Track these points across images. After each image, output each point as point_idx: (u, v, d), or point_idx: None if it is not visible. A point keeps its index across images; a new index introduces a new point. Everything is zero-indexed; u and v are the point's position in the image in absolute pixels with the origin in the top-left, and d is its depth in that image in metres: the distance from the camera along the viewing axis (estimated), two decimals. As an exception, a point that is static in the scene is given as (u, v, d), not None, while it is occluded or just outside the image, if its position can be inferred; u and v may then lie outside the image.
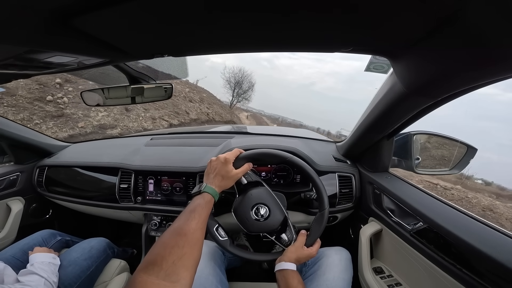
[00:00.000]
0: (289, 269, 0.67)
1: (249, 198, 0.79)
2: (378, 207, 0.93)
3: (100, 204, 1.14)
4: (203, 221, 0.55)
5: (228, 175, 0.70)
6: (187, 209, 0.57)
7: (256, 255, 0.78)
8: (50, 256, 0.84)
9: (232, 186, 0.75)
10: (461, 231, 0.61)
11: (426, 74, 0.48)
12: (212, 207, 0.63)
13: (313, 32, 0.39)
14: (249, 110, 55.97)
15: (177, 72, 1.01)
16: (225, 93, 25.41)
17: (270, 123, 50.27)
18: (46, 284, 0.72)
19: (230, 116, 17.37)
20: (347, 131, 1.39)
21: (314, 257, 0.75)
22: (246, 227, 0.77)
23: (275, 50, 0.50)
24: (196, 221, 0.53)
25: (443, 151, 1.01)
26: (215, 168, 0.71)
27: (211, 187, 0.65)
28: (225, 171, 0.70)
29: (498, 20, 0.29)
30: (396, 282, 0.83)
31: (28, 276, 0.72)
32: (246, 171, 0.76)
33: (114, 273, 0.97)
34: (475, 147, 0.90)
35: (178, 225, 0.52)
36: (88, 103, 0.88)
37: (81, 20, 0.30)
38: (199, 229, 0.53)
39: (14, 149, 1.21)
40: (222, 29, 0.37)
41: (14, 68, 0.49)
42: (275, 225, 0.77)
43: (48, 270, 0.77)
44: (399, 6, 0.30)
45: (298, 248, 0.73)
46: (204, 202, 0.60)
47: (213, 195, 0.63)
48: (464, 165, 0.91)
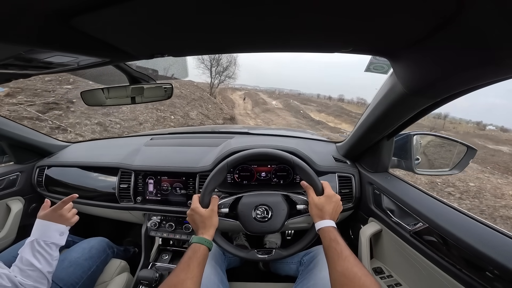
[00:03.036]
0: (321, 228, 0.67)
1: (244, 214, 0.80)
2: (378, 207, 0.93)
3: (100, 204, 1.14)
4: (192, 271, 0.58)
5: (205, 217, 0.71)
6: (180, 262, 0.61)
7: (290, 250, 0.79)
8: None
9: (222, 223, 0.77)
10: (461, 231, 0.61)
11: (426, 75, 0.48)
12: (207, 254, 0.65)
13: (313, 33, 0.39)
14: (243, 88, 54.60)
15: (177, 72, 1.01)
16: (200, 75, 20.99)
17: (268, 97, 48.34)
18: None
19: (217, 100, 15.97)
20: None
21: (335, 196, 0.74)
22: (270, 231, 0.80)
23: (275, 50, 0.50)
24: (185, 272, 0.57)
25: (443, 151, 1.02)
26: (193, 221, 0.73)
27: (198, 237, 0.67)
28: (199, 217, 0.71)
29: (498, 20, 0.29)
30: (396, 283, 0.83)
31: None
32: (216, 203, 0.77)
33: (114, 273, 0.97)
34: (474, 147, 0.90)
35: (170, 278, 0.57)
36: (88, 103, 0.88)
37: (81, 20, 0.30)
38: (189, 279, 0.56)
39: (14, 149, 1.21)
40: (221, 29, 0.37)
41: (14, 68, 0.49)
42: (284, 208, 0.80)
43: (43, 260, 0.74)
44: (399, 7, 0.30)
45: (314, 202, 0.72)
46: (193, 253, 0.62)
47: (202, 243, 0.65)
48: (464, 165, 0.91)
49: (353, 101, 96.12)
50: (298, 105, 37.90)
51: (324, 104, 53.57)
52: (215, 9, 0.30)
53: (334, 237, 0.63)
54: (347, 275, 0.53)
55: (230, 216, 0.82)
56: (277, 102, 41.45)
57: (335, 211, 0.72)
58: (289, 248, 0.79)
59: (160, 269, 1.03)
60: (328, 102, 64.38)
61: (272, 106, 31.70)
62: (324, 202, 0.71)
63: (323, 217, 0.69)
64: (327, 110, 38.43)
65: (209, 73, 20.18)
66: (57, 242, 0.77)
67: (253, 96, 44.80)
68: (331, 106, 45.33)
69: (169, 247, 1.19)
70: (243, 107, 29.55)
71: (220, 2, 0.28)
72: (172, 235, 1.10)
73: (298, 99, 56.99)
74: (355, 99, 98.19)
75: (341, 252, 0.59)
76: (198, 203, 0.74)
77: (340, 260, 0.57)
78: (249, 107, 30.49)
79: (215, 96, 17.22)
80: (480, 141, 23.88)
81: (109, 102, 0.85)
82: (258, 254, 0.79)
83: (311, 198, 0.73)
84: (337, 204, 0.73)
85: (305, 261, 0.90)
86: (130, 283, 0.96)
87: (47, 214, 0.78)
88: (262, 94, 57.22)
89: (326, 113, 33.73)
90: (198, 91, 12.50)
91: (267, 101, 40.62)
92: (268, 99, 45.45)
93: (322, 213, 0.70)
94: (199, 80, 19.45)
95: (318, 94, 40.94)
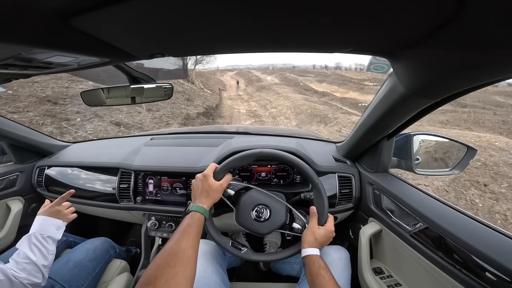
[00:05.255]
0: (310, 255, 0.69)
1: (244, 205, 0.80)
2: (378, 207, 0.93)
3: (100, 204, 1.14)
4: (193, 239, 0.57)
5: (212, 188, 0.71)
6: (177, 230, 0.59)
7: (282, 253, 0.79)
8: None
9: (221, 199, 0.76)
10: (460, 231, 0.61)
11: (426, 75, 0.48)
12: (202, 224, 0.64)
13: (313, 32, 0.39)
14: (235, 69, 52.78)
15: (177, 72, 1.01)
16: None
17: (261, 74, 45.57)
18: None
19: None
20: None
21: (333, 233, 0.76)
22: (256, 232, 0.79)
23: (275, 50, 0.50)
24: (186, 239, 0.55)
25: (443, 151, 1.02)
26: (198, 186, 0.72)
27: (197, 205, 0.67)
28: (207, 186, 0.71)
29: (498, 20, 0.29)
30: (395, 283, 0.83)
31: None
32: (228, 182, 0.77)
33: (114, 273, 0.98)
34: (474, 147, 0.90)
35: (169, 246, 0.54)
36: (88, 103, 0.88)
37: (81, 20, 0.30)
38: (190, 247, 0.54)
39: (14, 149, 1.21)
40: (221, 29, 0.37)
41: (14, 68, 0.49)
42: (281, 218, 0.79)
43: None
44: (399, 7, 0.30)
45: (313, 230, 0.74)
46: (193, 221, 0.61)
47: (201, 212, 0.65)
48: (464, 165, 0.91)
49: (351, 68, 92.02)
50: (296, 77, 33.44)
51: (322, 73, 48.80)
52: (216, 9, 0.30)
53: (324, 265, 0.66)
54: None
55: (231, 200, 0.81)
56: (273, 77, 37.03)
57: (325, 244, 0.75)
58: (284, 251, 0.80)
59: (160, 269, 1.03)
60: (325, 71, 59.94)
61: (268, 83, 26.75)
62: (322, 234, 0.74)
63: (313, 245, 0.71)
64: (328, 79, 34.00)
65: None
66: (53, 236, 0.78)
67: (245, 75, 41.02)
68: (330, 75, 41.10)
69: None
70: (235, 88, 25.81)
71: (221, 3, 0.28)
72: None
73: (293, 72, 52.66)
74: (353, 65, 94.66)
75: (330, 279, 0.63)
76: (212, 172, 0.74)
77: (329, 287, 0.61)
78: (242, 87, 26.72)
79: (193, 82, 14.28)
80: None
81: (109, 102, 0.85)
82: (233, 247, 0.79)
83: (312, 224, 0.75)
84: (329, 240, 0.76)
85: None
86: (130, 283, 0.96)
87: (45, 210, 0.81)
88: (256, 71, 53.73)
89: (327, 83, 29.72)
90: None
91: (261, 77, 35.92)
92: (262, 75, 41.11)
93: (315, 242, 0.72)
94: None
95: (313, 65, 39.90)
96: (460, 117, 10.94)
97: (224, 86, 27.10)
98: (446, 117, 10.82)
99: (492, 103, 16.35)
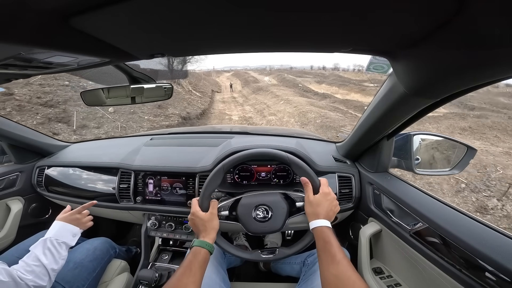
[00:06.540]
0: (315, 228, 0.66)
1: (244, 215, 0.80)
2: (377, 207, 0.93)
3: (100, 204, 1.13)
4: (195, 274, 0.59)
5: (205, 221, 0.72)
6: (181, 265, 0.61)
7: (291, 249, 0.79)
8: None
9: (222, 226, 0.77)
10: (460, 231, 0.61)
11: (426, 75, 0.48)
12: (208, 257, 0.65)
13: (312, 32, 0.39)
14: (232, 70, 52.47)
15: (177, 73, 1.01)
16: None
17: (258, 75, 44.83)
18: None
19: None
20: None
21: (330, 194, 0.72)
22: (273, 230, 0.79)
23: (275, 50, 0.50)
24: (187, 275, 0.58)
25: (443, 151, 1.02)
26: (194, 225, 0.73)
27: (200, 240, 0.68)
28: (200, 221, 0.71)
29: (498, 20, 0.29)
30: (395, 283, 0.83)
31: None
32: (216, 207, 0.77)
33: (114, 273, 0.98)
34: (474, 147, 0.90)
35: (172, 281, 0.57)
36: (88, 103, 0.88)
37: (81, 20, 0.30)
38: (191, 282, 0.57)
39: (14, 149, 1.21)
40: (221, 29, 0.37)
41: (14, 68, 0.49)
42: (283, 206, 0.79)
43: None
44: (399, 7, 0.30)
45: (309, 200, 0.71)
46: (194, 256, 0.63)
47: (203, 246, 0.66)
48: (464, 165, 0.91)
49: (349, 68, 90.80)
50: (294, 78, 31.92)
51: (320, 74, 47.90)
52: (216, 9, 0.30)
53: (328, 238, 0.62)
54: (341, 278, 0.53)
55: (231, 218, 0.82)
56: (270, 78, 35.93)
57: (330, 210, 0.70)
58: (292, 246, 0.79)
59: (160, 269, 1.04)
60: (324, 72, 59.70)
61: (265, 84, 25.66)
62: (319, 200, 0.70)
63: (317, 216, 0.67)
64: (327, 80, 32.85)
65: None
66: (68, 242, 0.80)
67: (242, 76, 39.88)
68: (329, 76, 39.98)
69: (169, 247, 1.19)
70: (230, 91, 24.62)
71: (221, 3, 0.28)
72: (172, 235, 1.10)
73: (291, 73, 51.50)
74: (351, 66, 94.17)
75: (335, 254, 0.58)
76: (198, 207, 0.74)
77: (334, 263, 0.56)
78: (238, 88, 25.66)
79: (180, 83, 13.17)
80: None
81: (109, 102, 0.86)
82: (262, 255, 0.79)
83: (307, 195, 0.72)
84: (332, 203, 0.71)
85: (308, 262, 0.89)
86: (130, 283, 0.96)
87: (65, 216, 0.84)
88: (253, 72, 52.98)
89: (327, 84, 28.69)
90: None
91: (259, 78, 34.88)
92: (259, 76, 40.00)
93: (316, 212, 0.68)
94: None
95: (311, 66, 39.73)
96: (484, 123, 8.68)
97: (219, 88, 26.20)
98: (467, 123, 8.86)
99: (499, 104, 15.84)
